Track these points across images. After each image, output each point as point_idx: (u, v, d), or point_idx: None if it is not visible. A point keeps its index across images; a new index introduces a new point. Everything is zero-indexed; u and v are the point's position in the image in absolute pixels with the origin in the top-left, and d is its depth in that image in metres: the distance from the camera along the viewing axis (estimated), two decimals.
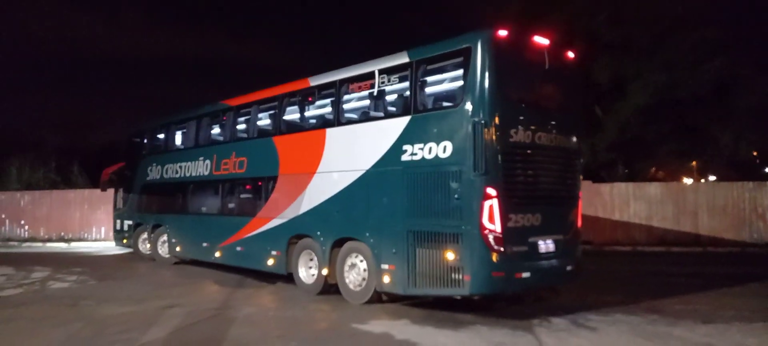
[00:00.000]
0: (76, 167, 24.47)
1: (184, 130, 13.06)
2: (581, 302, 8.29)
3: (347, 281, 8.40)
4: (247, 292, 9.54)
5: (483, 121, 6.70)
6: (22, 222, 20.45)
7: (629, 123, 16.94)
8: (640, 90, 16.23)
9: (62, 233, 20.07)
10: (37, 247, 18.80)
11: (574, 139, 8.00)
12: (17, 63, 38.04)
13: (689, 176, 22.39)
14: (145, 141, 14.70)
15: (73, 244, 19.19)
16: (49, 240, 19.97)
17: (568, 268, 7.79)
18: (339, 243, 8.55)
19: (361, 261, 8.20)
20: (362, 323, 7.09)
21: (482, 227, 6.62)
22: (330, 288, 8.76)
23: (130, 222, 14.75)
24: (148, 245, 14.00)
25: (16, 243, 19.76)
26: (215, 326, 7.07)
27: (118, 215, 15.52)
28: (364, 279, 8.16)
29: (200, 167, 11.96)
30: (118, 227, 15.50)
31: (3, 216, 20.54)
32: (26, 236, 20.35)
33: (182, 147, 13.17)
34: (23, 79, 40.36)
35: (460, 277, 6.77)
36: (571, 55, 8.02)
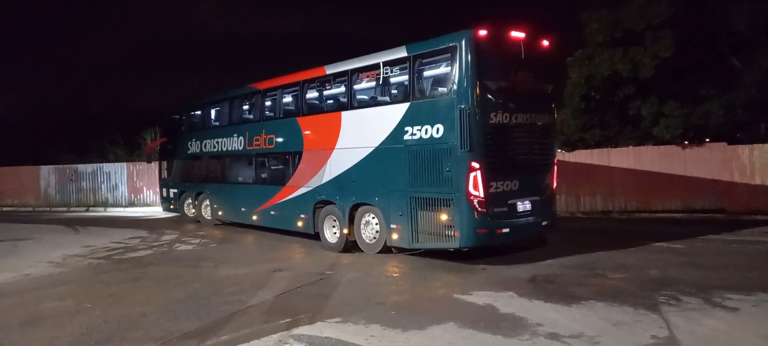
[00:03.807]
0: None
1: (219, 110, 14.64)
2: (715, 277, 7.35)
3: (364, 236, 9.87)
4: (351, 257, 9.66)
5: (467, 108, 7.99)
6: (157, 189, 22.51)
7: None
8: None
9: None
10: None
11: (548, 115, 9.31)
12: (146, 46, 41.62)
13: None
14: (185, 119, 16.29)
15: None
16: None
17: (544, 223, 9.18)
18: (356, 207, 9.95)
19: (374, 219, 9.68)
20: (465, 293, 6.83)
21: (468, 194, 8.02)
22: (350, 246, 10.11)
23: (175, 190, 16.33)
24: (193, 210, 15.61)
25: (154, 208, 21.83)
26: (319, 291, 7.20)
27: (164, 183, 17.11)
28: (376, 235, 9.66)
29: (235, 143, 13.41)
30: (164, 194, 17.14)
31: (140, 184, 22.78)
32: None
33: (218, 125, 14.63)
34: (151, 60, 44.18)
35: (452, 233, 8.23)
36: (545, 43, 9.11)
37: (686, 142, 15.58)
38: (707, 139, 15.47)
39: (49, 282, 8.24)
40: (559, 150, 17.56)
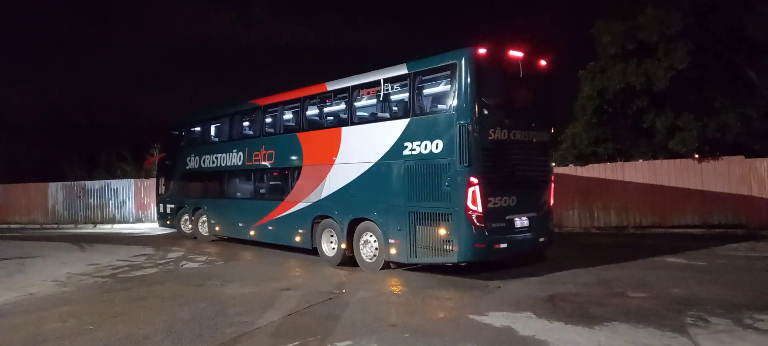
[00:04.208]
0: None
1: (219, 126, 14.74)
2: (742, 297, 7.02)
3: (363, 254, 9.84)
4: (363, 276, 9.40)
5: (467, 124, 8.09)
6: None
7: None
8: None
9: None
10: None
11: (545, 132, 9.37)
12: (158, 58, 41.97)
13: None
14: (184, 134, 16.40)
15: None
16: None
17: (541, 239, 9.22)
18: (354, 222, 9.93)
19: (373, 239, 9.65)
20: (480, 314, 6.54)
21: (467, 209, 8.07)
22: (348, 260, 10.11)
23: (173, 206, 16.31)
24: (190, 226, 15.63)
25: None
26: (328, 311, 6.94)
27: (161, 199, 17.08)
28: (375, 253, 9.61)
29: (234, 158, 13.44)
30: (161, 210, 17.08)
31: (148, 200, 22.69)
32: None
33: (217, 140, 14.71)
34: (163, 72, 44.52)
35: (450, 248, 8.25)
36: (543, 62, 9.27)
37: (698, 156, 15.25)
38: (718, 154, 15.11)
39: (53, 302, 8.03)
40: (570, 164, 17.32)
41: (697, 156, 15.12)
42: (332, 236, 10.54)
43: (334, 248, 10.51)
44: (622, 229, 15.20)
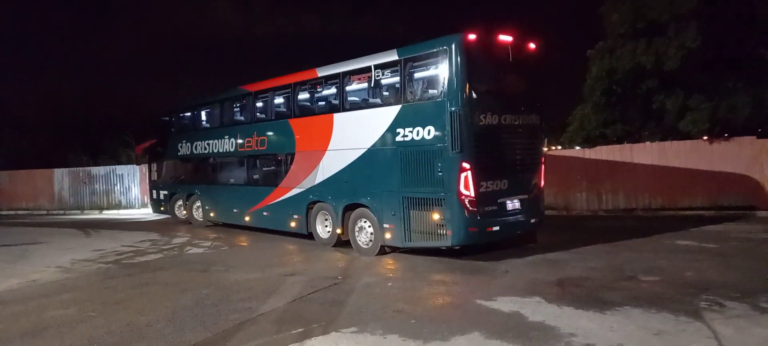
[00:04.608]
0: None
1: (210, 112, 14.71)
2: (757, 280, 6.84)
3: (359, 240, 9.88)
4: (367, 261, 9.29)
5: (458, 110, 8.09)
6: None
7: None
8: None
9: None
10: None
11: (536, 116, 9.38)
12: (162, 48, 41.77)
13: None
14: (175, 120, 16.29)
15: None
16: None
17: (533, 220, 9.35)
18: (349, 208, 9.99)
19: (368, 225, 9.67)
20: (488, 299, 6.40)
21: (459, 193, 8.12)
22: (342, 242, 10.25)
23: (166, 192, 16.36)
24: (184, 211, 15.59)
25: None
26: (333, 297, 6.83)
27: (154, 185, 17.09)
28: (371, 238, 9.63)
29: (226, 144, 13.44)
30: (154, 196, 17.13)
31: None
32: None
33: (209, 127, 14.67)
34: (166, 62, 44.33)
35: (444, 232, 8.32)
36: (532, 46, 9.23)
37: (706, 136, 14.94)
38: (727, 135, 14.79)
39: (55, 289, 7.97)
40: (578, 146, 17.07)
41: (706, 137, 14.83)
42: (327, 218, 10.63)
43: (328, 230, 10.62)
44: (630, 211, 14.98)
